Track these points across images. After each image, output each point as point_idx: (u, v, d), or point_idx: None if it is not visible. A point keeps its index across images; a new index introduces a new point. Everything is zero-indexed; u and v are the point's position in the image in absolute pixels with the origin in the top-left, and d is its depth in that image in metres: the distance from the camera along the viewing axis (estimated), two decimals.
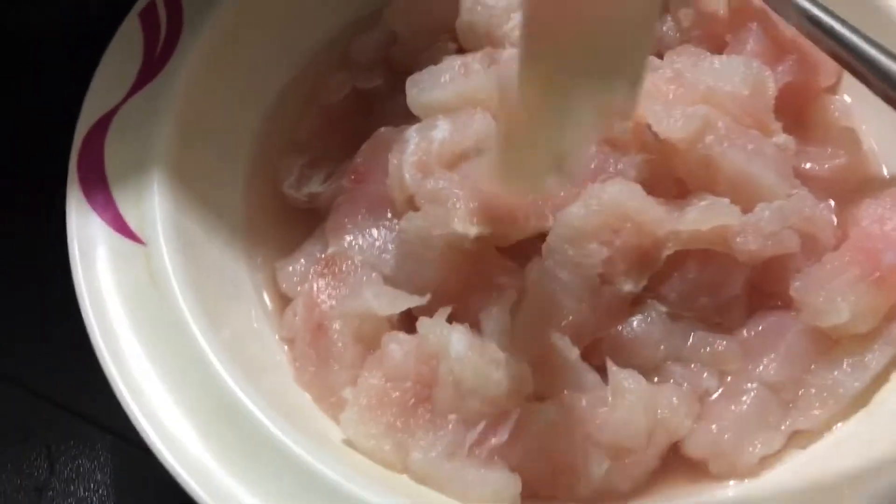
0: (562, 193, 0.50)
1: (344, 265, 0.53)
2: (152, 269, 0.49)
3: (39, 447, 0.61)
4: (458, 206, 0.50)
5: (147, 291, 0.48)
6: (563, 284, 0.49)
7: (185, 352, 0.47)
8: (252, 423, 0.45)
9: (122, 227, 0.50)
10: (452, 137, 0.53)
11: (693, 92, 0.53)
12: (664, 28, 0.63)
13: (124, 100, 0.54)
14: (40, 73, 0.67)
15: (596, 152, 0.53)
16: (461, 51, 0.60)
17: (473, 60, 0.56)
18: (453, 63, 0.56)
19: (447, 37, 0.61)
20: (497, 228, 0.50)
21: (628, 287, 0.50)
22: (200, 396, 0.46)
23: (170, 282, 0.49)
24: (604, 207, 0.49)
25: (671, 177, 0.53)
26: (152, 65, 0.55)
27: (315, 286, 0.52)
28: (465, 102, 0.54)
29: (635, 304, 0.51)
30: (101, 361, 0.46)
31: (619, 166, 0.52)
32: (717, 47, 0.62)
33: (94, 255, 0.49)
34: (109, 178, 0.51)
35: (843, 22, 0.56)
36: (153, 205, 0.51)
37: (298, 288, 0.54)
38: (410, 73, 0.56)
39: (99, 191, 0.51)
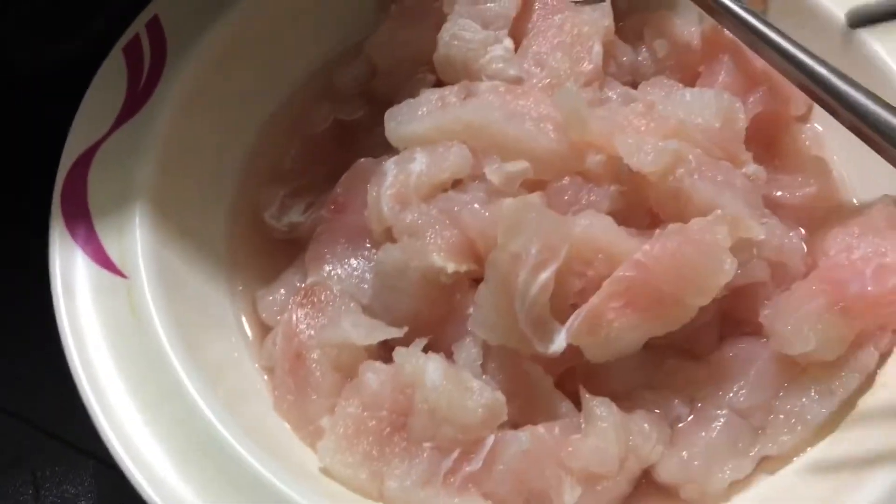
0: None
1: (323, 295, 0.54)
2: (133, 301, 0.50)
3: (25, 473, 0.62)
4: (436, 239, 0.51)
5: (128, 323, 0.49)
6: None
7: (164, 383, 0.48)
8: (228, 453, 0.46)
9: (104, 260, 0.51)
10: (429, 170, 0.54)
11: (664, 125, 0.54)
12: (639, 58, 0.65)
13: (108, 133, 0.55)
14: (29, 105, 0.68)
15: (569, 183, 0.54)
16: (440, 83, 0.61)
17: (450, 93, 0.57)
18: (430, 96, 0.57)
19: (426, 69, 0.62)
20: (473, 262, 0.51)
21: None
22: (178, 427, 0.47)
23: (150, 314, 0.50)
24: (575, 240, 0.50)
25: (643, 207, 0.54)
26: (136, 98, 0.56)
27: (294, 316, 0.53)
28: (441, 135, 0.55)
29: None
30: (81, 392, 0.47)
31: (591, 197, 0.53)
32: (691, 77, 0.64)
33: (76, 288, 0.50)
34: (92, 211, 0.52)
35: (812, 55, 0.57)
36: (135, 238, 0.52)
37: (278, 317, 0.55)
38: (391, 104, 0.58)
39: (82, 224, 0.52)
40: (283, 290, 0.56)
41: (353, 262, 0.55)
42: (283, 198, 0.60)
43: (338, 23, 0.66)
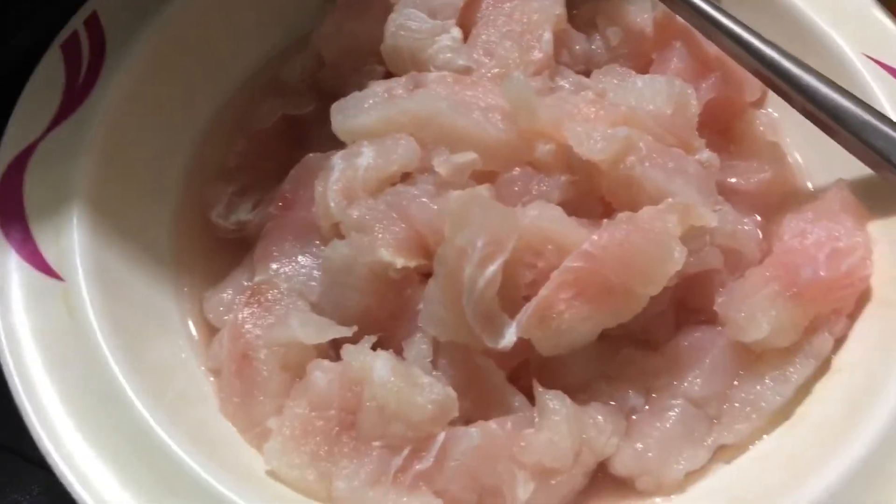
0: None
1: (270, 294, 0.53)
2: (70, 304, 0.49)
3: None
4: (384, 234, 0.50)
5: (64, 328, 0.48)
6: None
7: (102, 389, 0.47)
8: (171, 460, 0.45)
9: (39, 263, 0.50)
10: (377, 163, 0.53)
11: (615, 113, 0.53)
12: (593, 46, 0.64)
13: (45, 132, 0.54)
14: None
15: (519, 174, 0.53)
16: (389, 74, 0.60)
17: (397, 85, 0.56)
18: (377, 88, 0.56)
19: (375, 60, 0.61)
20: (423, 257, 0.50)
21: None
22: (115, 433, 0.46)
23: (87, 317, 0.49)
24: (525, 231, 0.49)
25: (595, 196, 0.53)
26: (74, 96, 0.55)
27: (240, 315, 0.52)
28: (389, 127, 0.54)
29: None
30: (16, 399, 0.46)
31: (542, 188, 0.53)
32: (644, 65, 0.63)
33: (10, 292, 0.49)
34: (28, 213, 0.51)
35: (764, 39, 0.57)
36: (73, 239, 0.51)
37: (225, 318, 0.54)
38: (340, 97, 0.56)
39: (17, 227, 0.51)
40: (230, 290, 0.55)
41: (302, 259, 0.54)
42: (231, 196, 0.59)
43: (283, 15, 0.64)
